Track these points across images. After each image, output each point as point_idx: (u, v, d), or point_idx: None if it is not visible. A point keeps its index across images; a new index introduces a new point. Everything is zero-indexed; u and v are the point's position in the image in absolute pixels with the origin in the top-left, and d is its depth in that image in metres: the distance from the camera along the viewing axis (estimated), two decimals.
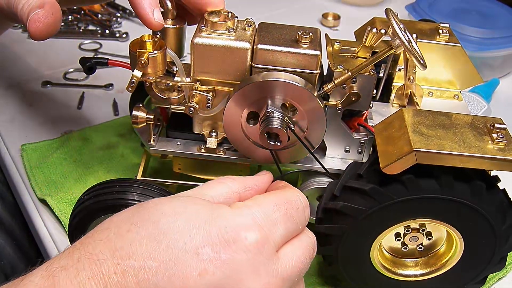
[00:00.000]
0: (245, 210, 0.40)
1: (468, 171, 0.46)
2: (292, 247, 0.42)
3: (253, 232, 0.38)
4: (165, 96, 0.54)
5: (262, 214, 0.40)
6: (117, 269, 0.35)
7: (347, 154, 0.57)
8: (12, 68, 0.89)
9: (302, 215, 0.43)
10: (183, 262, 0.36)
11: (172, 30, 0.54)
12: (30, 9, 0.48)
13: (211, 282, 0.36)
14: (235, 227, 0.38)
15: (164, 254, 0.36)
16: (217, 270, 0.36)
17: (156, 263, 0.35)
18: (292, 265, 0.40)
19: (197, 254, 0.36)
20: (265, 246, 0.38)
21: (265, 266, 0.38)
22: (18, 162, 0.71)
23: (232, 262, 0.37)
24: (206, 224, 0.37)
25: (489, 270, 0.54)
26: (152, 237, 0.36)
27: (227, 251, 0.37)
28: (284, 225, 0.41)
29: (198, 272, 0.36)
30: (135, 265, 0.35)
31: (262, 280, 0.38)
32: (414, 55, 0.49)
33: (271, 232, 0.39)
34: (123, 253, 0.36)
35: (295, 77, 0.51)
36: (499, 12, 0.97)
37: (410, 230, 0.53)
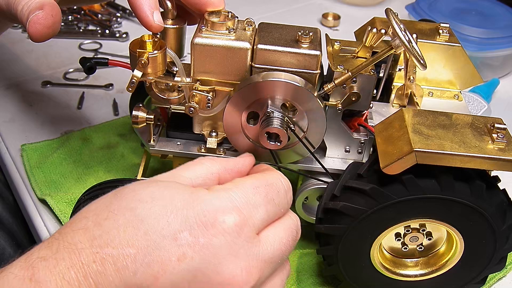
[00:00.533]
0: (223, 193, 0.39)
1: (468, 171, 0.46)
2: (274, 229, 0.41)
3: (231, 215, 0.38)
4: (165, 96, 0.54)
5: (241, 197, 0.39)
6: (96, 258, 0.35)
7: (347, 154, 0.57)
8: (12, 68, 0.89)
9: (284, 198, 0.43)
10: (161, 248, 0.35)
11: (172, 30, 0.54)
12: (30, 10, 0.48)
13: (190, 267, 0.36)
14: (213, 211, 0.37)
15: (142, 240, 0.36)
16: (196, 255, 0.36)
17: (135, 250, 0.35)
18: (274, 247, 0.40)
19: (175, 239, 0.36)
20: (244, 229, 0.38)
21: (245, 249, 0.38)
22: (18, 162, 0.71)
23: (210, 246, 0.36)
24: (184, 209, 0.37)
25: (489, 270, 0.54)
26: (130, 224, 0.36)
27: (205, 235, 0.36)
28: (264, 208, 0.40)
29: (176, 257, 0.36)
30: (114, 253, 0.35)
31: (242, 263, 0.37)
32: (414, 55, 0.49)
33: (250, 215, 0.39)
34: (101, 242, 0.35)
35: (295, 77, 0.51)
36: (499, 12, 0.97)
37: (410, 230, 0.53)
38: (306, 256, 0.61)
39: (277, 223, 0.42)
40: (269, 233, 0.40)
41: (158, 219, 0.36)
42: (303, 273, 0.59)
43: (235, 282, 0.37)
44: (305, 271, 0.60)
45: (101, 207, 0.38)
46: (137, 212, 0.37)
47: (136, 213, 0.37)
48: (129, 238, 0.36)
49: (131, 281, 0.35)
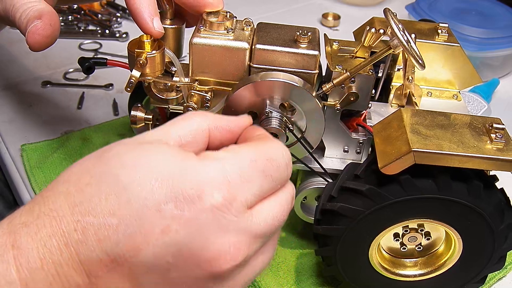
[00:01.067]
0: (215, 163, 0.36)
1: (465, 171, 0.46)
2: (268, 204, 0.38)
3: (221, 190, 0.35)
4: (164, 96, 0.54)
5: (234, 169, 0.36)
6: (77, 226, 0.34)
7: (346, 154, 0.57)
8: (12, 68, 0.89)
9: (284, 173, 0.39)
10: (144, 218, 0.34)
11: (171, 30, 0.54)
12: (28, 19, 0.48)
13: (175, 240, 0.34)
14: (201, 183, 0.35)
15: (124, 210, 0.34)
16: (181, 228, 0.34)
17: (117, 220, 0.34)
18: (266, 223, 0.37)
19: (159, 211, 0.34)
20: (233, 204, 0.36)
21: (233, 225, 0.36)
22: (18, 162, 0.71)
23: (196, 220, 0.34)
24: (170, 178, 0.35)
25: (489, 270, 0.54)
26: (112, 192, 0.34)
27: (191, 209, 0.34)
28: (258, 184, 0.37)
29: (160, 229, 0.34)
30: (95, 222, 0.34)
31: (230, 238, 0.35)
32: (413, 55, 0.49)
33: (243, 190, 0.36)
34: (82, 209, 0.34)
35: (294, 77, 0.51)
36: (499, 12, 0.97)
37: (408, 230, 0.53)
38: (306, 256, 0.61)
39: (272, 198, 0.39)
40: (262, 209, 0.38)
41: (141, 188, 0.34)
42: (303, 273, 0.59)
43: (222, 258, 0.35)
44: (304, 271, 0.60)
45: (83, 170, 0.36)
46: (120, 179, 0.35)
47: (119, 179, 0.35)
48: (111, 207, 0.34)
49: (113, 252, 0.34)
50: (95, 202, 0.34)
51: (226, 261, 0.35)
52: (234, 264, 0.36)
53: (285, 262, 0.60)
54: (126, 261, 0.34)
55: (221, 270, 0.35)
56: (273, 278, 0.58)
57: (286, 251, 0.62)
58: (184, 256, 0.35)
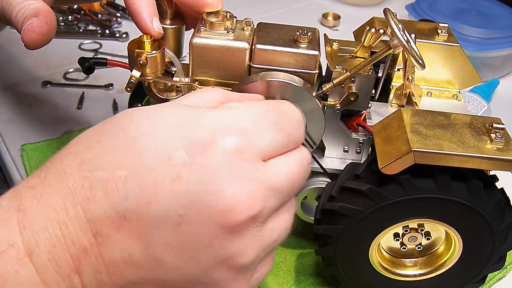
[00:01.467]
0: (227, 111, 0.36)
1: (465, 171, 0.46)
2: (284, 159, 0.37)
3: (233, 135, 0.34)
4: (164, 96, 0.54)
5: (247, 117, 0.35)
6: (85, 183, 0.32)
7: (346, 154, 0.57)
8: (12, 68, 0.89)
9: (297, 130, 0.38)
10: (154, 169, 0.32)
11: (171, 30, 0.54)
12: (24, 17, 0.48)
13: (186, 190, 0.32)
14: (213, 129, 0.34)
15: (133, 161, 0.32)
16: (192, 175, 0.32)
17: (125, 172, 0.32)
18: (282, 175, 0.36)
19: (170, 160, 0.32)
20: (247, 151, 0.34)
21: (247, 172, 0.34)
22: (18, 162, 0.71)
23: (208, 166, 0.33)
24: (180, 126, 0.34)
25: (489, 269, 0.54)
26: (122, 145, 0.33)
27: (202, 154, 0.33)
28: (272, 134, 0.36)
29: (171, 178, 0.32)
30: (103, 177, 0.32)
31: (244, 186, 0.33)
32: (413, 55, 0.49)
33: (256, 138, 0.35)
34: (91, 165, 0.33)
35: (294, 77, 0.51)
36: (499, 12, 0.97)
37: (408, 230, 0.53)
38: (306, 256, 0.61)
39: (288, 154, 0.37)
40: (277, 162, 0.36)
41: (151, 138, 0.33)
42: (303, 273, 0.59)
43: (236, 207, 0.33)
44: (304, 271, 0.60)
45: (93, 131, 0.35)
46: (129, 132, 0.34)
47: (128, 132, 0.34)
48: (120, 159, 0.33)
49: (122, 207, 0.32)
50: (103, 156, 0.33)
51: (241, 211, 0.33)
52: (249, 214, 0.33)
53: (285, 262, 0.60)
54: (136, 216, 0.32)
55: (235, 222, 0.33)
56: (273, 278, 0.58)
57: (286, 251, 0.62)
58: (196, 206, 0.33)
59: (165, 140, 0.33)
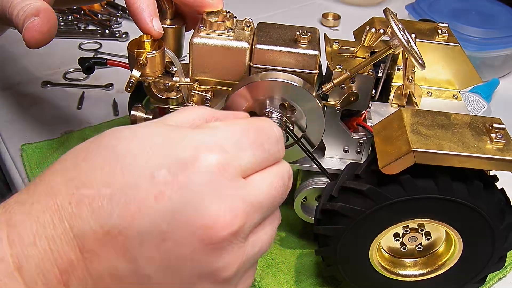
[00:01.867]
0: (207, 130, 0.37)
1: (466, 171, 0.46)
2: (262, 174, 0.38)
3: (214, 153, 0.35)
4: (164, 96, 0.54)
5: (227, 136, 0.36)
6: (72, 200, 0.33)
7: (346, 154, 0.57)
8: (12, 68, 0.89)
9: (275, 146, 0.39)
10: (137, 186, 0.33)
11: (171, 30, 0.54)
12: (25, 16, 0.48)
13: (169, 207, 0.33)
14: (194, 147, 0.35)
15: (118, 179, 0.34)
16: (174, 194, 0.33)
17: (111, 190, 0.33)
18: (263, 191, 0.37)
19: (153, 178, 0.33)
20: (228, 169, 0.35)
21: (229, 190, 0.35)
22: (18, 162, 0.71)
23: (190, 184, 0.34)
24: (164, 145, 0.35)
25: (489, 269, 0.54)
26: (107, 163, 0.34)
27: (184, 173, 0.34)
28: (252, 152, 0.37)
29: (153, 196, 0.33)
30: (90, 194, 0.33)
31: (225, 204, 0.34)
32: (413, 55, 0.49)
33: (236, 156, 0.36)
34: (78, 183, 0.34)
35: (294, 77, 0.51)
36: (499, 12, 0.97)
37: (408, 230, 0.53)
38: (306, 256, 0.61)
39: (266, 170, 0.38)
40: (256, 178, 0.37)
41: (135, 157, 0.34)
42: (303, 273, 0.59)
43: (218, 224, 0.34)
44: (304, 271, 0.60)
45: (81, 149, 0.36)
46: (115, 150, 0.35)
47: (114, 150, 0.35)
48: (105, 177, 0.34)
49: (107, 223, 0.33)
50: (90, 174, 0.34)
51: (222, 227, 0.34)
52: (230, 231, 0.34)
53: (285, 262, 0.60)
54: (120, 233, 0.33)
55: (217, 238, 0.34)
56: (273, 278, 0.58)
57: (286, 251, 0.62)
58: (179, 223, 0.34)
59: (149, 159, 0.34)
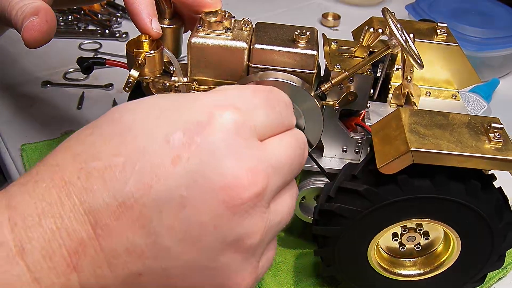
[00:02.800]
0: (218, 92, 0.36)
1: (463, 171, 0.46)
2: (278, 137, 0.37)
3: (229, 112, 0.34)
4: None
5: (238, 96, 0.35)
6: (81, 174, 0.31)
7: (345, 154, 0.57)
8: (12, 68, 0.89)
9: (286, 110, 0.38)
10: (152, 152, 0.32)
11: (169, 30, 0.54)
12: (24, 16, 0.47)
13: (187, 170, 0.32)
14: (209, 107, 0.34)
15: (130, 147, 0.32)
16: (192, 155, 0.32)
17: (123, 159, 0.31)
18: (281, 153, 0.36)
19: (168, 142, 0.32)
20: (245, 127, 0.34)
21: (247, 149, 0.33)
22: (18, 162, 0.71)
23: (208, 144, 0.32)
24: (176, 109, 0.34)
25: (488, 269, 0.54)
26: (117, 133, 0.33)
27: (201, 133, 0.32)
28: (265, 111, 0.36)
29: (170, 160, 0.32)
30: (100, 166, 0.31)
31: (246, 163, 0.33)
32: (411, 54, 0.49)
33: (250, 115, 0.35)
34: (86, 156, 0.32)
35: (292, 77, 0.51)
36: (499, 12, 0.97)
37: (407, 230, 0.53)
38: (306, 256, 0.61)
39: (283, 134, 0.37)
40: (273, 140, 0.36)
41: (147, 123, 0.33)
42: (303, 273, 0.59)
43: (240, 184, 0.32)
44: (304, 271, 0.60)
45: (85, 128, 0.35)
46: (123, 120, 0.33)
47: (122, 121, 0.33)
48: (116, 147, 0.32)
49: (121, 193, 0.31)
50: (98, 146, 0.32)
51: (245, 187, 0.33)
52: (253, 192, 0.33)
53: (285, 262, 0.60)
54: (136, 202, 0.31)
55: (240, 200, 0.33)
56: (273, 278, 0.58)
57: (286, 251, 0.62)
58: (199, 186, 0.32)
59: (161, 123, 0.33)
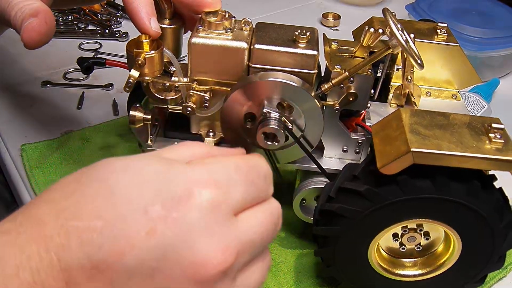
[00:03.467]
0: (201, 166, 0.36)
1: (464, 171, 0.46)
2: (253, 212, 0.38)
3: (209, 189, 0.35)
4: (163, 96, 0.54)
5: (220, 172, 0.36)
6: (61, 231, 0.32)
7: (345, 154, 0.57)
8: (12, 68, 0.89)
9: (266, 183, 0.39)
10: (129, 221, 0.33)
11: (169, 30, 0.54)
12: (24, 17, 0.48)
13: (160, 243, 0.33)
14: (189, 183, 0.35)
15: (110, 212, 0.33)
16: (167, 230, 0.33)
17: (102, 223, 0.32)
18: (253, 229, 0.37)
19: (146, 212, 0.33)
20: (221, 206, 0.35)
21: (221, 228, 0.35)
22: (18, 162, 0.71)
23: (184, 220, 0.33)
24: (157, 180, 0.34)
25: (488, 269, 0.54)
26: (100, 195, 0.33)
27: (179, 209, 0.33)
28: (244, 188, 0.37)
29: (145, 231, 0.32)
30: (80, 226, 0.32)
31: (218, 242, 0.34)
32: (411, 55, 0.49)
33: (229, 192, 0.36)
34: (68, 214, 0.33)
35: (293, 77, 0.51)
36: (499, 12, 0.97)
37: (407, 230, 0.53)
38: (306, 257, 0.61)
39: (256, 207, 0.38)
40: (247, 215, 0.37)
41: (129, 190, 0.34)
42: (303, 273, 0.59)
43: (209, 262, 0.34)
44: (304, 272, 0.60)
45: (71, 180, 0.35)
46: (108, 183, 0.34)
47: (107, 184, 0.34)
48: (97, 209, 0.33)
49: (95, 256, 0.32)
50: (81, 206, 0.33)
51: (213, 266, 0.34)
52: (220, 269, 0.34)
53: (285, 262, 0.60)
54: (108, 267, 0.33)
55: (207, 277, 0.34)
56: (273, 278, 0.58)
57: (286, 251, 0.62)
58: (169, 260, 0.33)
59: (142, 193, 0.34)
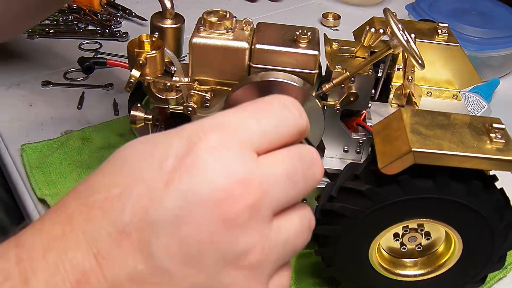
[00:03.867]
0: (212, 116, 0.36)
1: (465, 171, 0.46)
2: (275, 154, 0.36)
3: (216, 132, 0.34)
4: (164, 96, 0.54)
5: (227, 115, 0.36)
6: (82, 209, 0.33)
7: (346, 154, 0.57)
8: (12, 68, 0.89)
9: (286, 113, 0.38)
10: (146, 179, 0.33)
11: (170, 29, 0.54)
12: None
13: (178, 189, 0.32)
14: (198, 129, 0.34)
15: (126, 177, 0.33)
16: (182, 175, 0.32)
17: (120, 189, 0.33)
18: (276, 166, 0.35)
19: (161, 168, 0.33)
20: (230, 142, 0.34)
21: (237, 162, 0.33)
22: (18, 162, 0.71)
23: (196, 162, 0.33)
24: (167, 138, 0.34)
25: (489, 269, 0.54)
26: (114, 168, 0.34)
27: (189, 153, 0.33)
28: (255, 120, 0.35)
29: (163, 183, 0.32)
30: (99, 198, 0.33)
31: (236, 175, 0.33)
32: (412, 55, 0.49)
33: (241, 129, 0.35)
34: (88, 192, 0.34)
35: (294, 77, 0.51)
36: (499, 12, 0.97)
37: (408, 230, 0.53)
38: (306, 256, 0.61)
39: (280, 151, 0.36)
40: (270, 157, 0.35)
41: (142, 154, 0.34)
42: (303, 273, 0.59)
43: (229, 196, 0.33)
44: (304, 271, 0.60)
45: None
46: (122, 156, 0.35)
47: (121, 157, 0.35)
48: (114, 179, 0.33)
49: (120, 220, 0.32)
50: (98, 181, 0.34)
51: (235, 199, 0.32)
52: (245, 203, 0.33)
53: None
54: (135, 227, 0.32)
55: (233, 212, 0.32)
56: None
57: None
58: (191, 203, 0.32)
59: (154, 153, 0.34)
